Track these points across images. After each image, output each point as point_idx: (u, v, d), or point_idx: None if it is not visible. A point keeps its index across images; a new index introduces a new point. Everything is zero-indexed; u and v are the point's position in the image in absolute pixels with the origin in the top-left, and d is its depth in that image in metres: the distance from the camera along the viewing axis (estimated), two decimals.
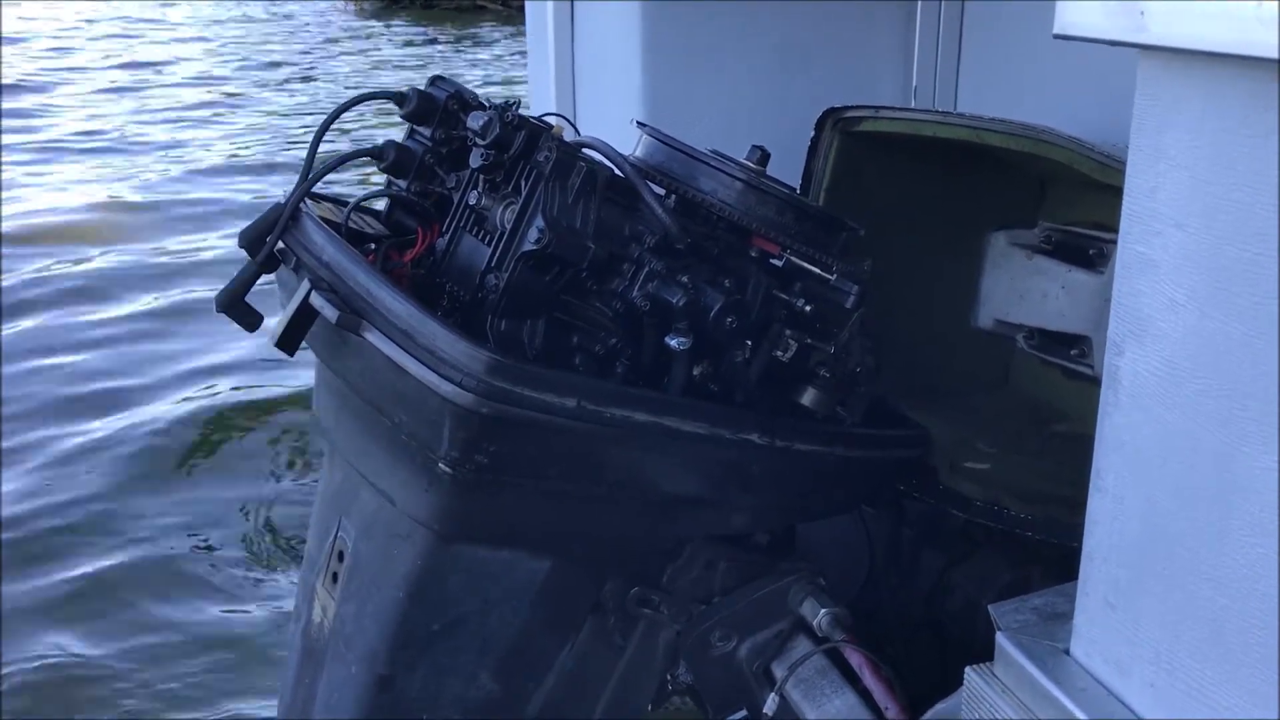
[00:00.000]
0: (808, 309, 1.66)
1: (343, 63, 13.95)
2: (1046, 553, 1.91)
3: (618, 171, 1.60)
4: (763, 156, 1.71)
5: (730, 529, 1.78)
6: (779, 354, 1.66)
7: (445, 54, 14.87)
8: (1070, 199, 2.32)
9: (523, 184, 1.54)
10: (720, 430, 1.56)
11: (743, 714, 1.91)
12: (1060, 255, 2.33)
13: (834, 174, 2.28)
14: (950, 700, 1.58)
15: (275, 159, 8.78)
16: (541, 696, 1.77)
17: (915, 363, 2.24)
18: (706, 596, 1.80)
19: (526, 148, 1.54)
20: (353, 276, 1.48)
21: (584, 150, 1.60)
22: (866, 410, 1.78)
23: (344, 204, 1.73)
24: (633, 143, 1.77)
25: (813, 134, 2.29)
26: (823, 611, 1.77)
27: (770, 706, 1.77)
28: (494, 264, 1.54)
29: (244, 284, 1.64)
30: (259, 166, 8.61)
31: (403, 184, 1.75)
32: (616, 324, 1.58)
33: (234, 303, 1.64)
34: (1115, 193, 1.18)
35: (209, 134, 9.79)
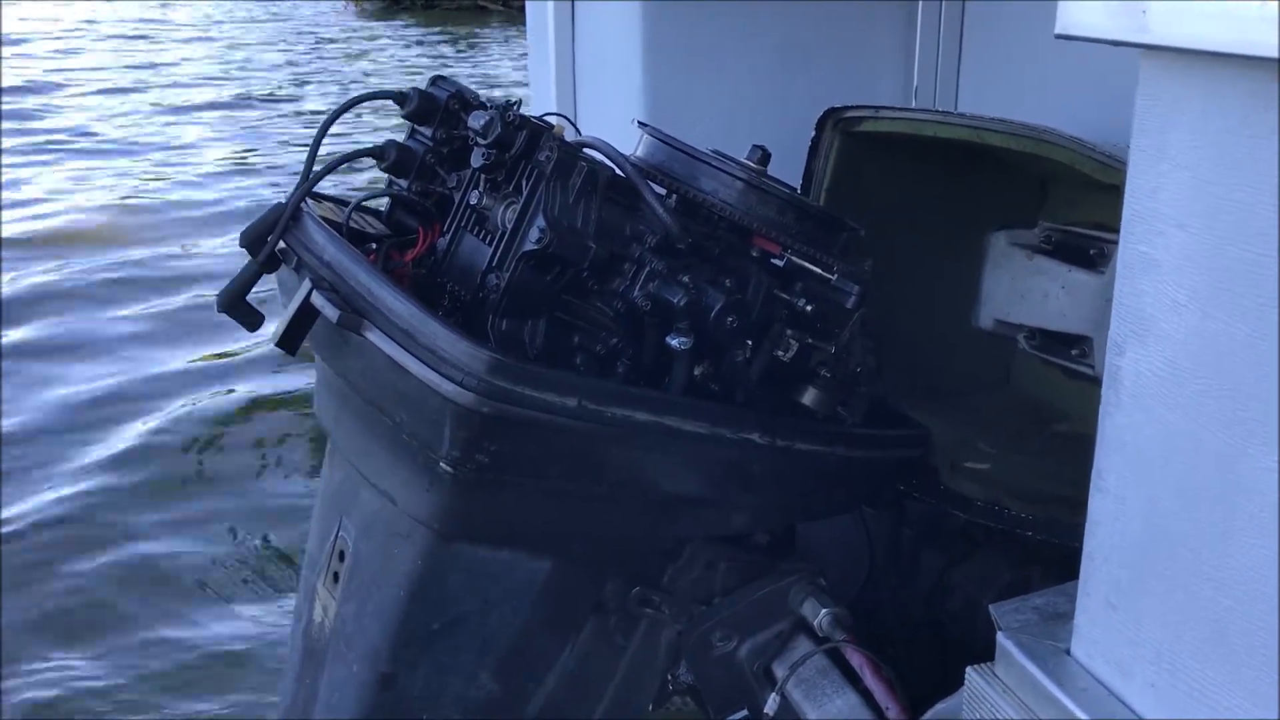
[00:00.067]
0: (809, 309, 1.66)
1: (345, 63, 13.94)
2: (1047, 553, 1.91)
3: (619, 171, 1.60)
4: (763, 156, 1.71)
5: (731, 529, 1.78)
6: (780, 354, 1.66)
7: (445, 55, 14.86)
8: (1071, 199, 2.32)
9: (524, 184, 1.54)
10: (721, 430, 1.56)
11: (744, 714, 1.91)
12: (1061, 255, 2.33)
13: (835, 174, 2.28)
14: (951, 700, 1.58)
15: (279, 160, 8.75)
16: (542, 696, 1.77)
17: (916, 363, 2.24)
18: (707, 596, 1.80)
19: (528, 147, 1.54)
20: (354, 276, 1.48)
21: (585, 150, 1.59)
22: (867, 410, 1.78)
23: (345, 204, 1.73)
24: (633, 142, 1.77)
25: (813, 134, 2.29)
26: (823, 611, 1.77)
27: (771, 707, 1.77)
28: (495, 264, 1.54)
29: (245, 284, 1.64)
30: (263, 168, 8.58)
31: (404, 184, 1.75)
32: (617, 324, 1.58)
33: (235, 302, 1.64)
34: (1116, 193, 1.18)
35: (212, 136, 9.76)
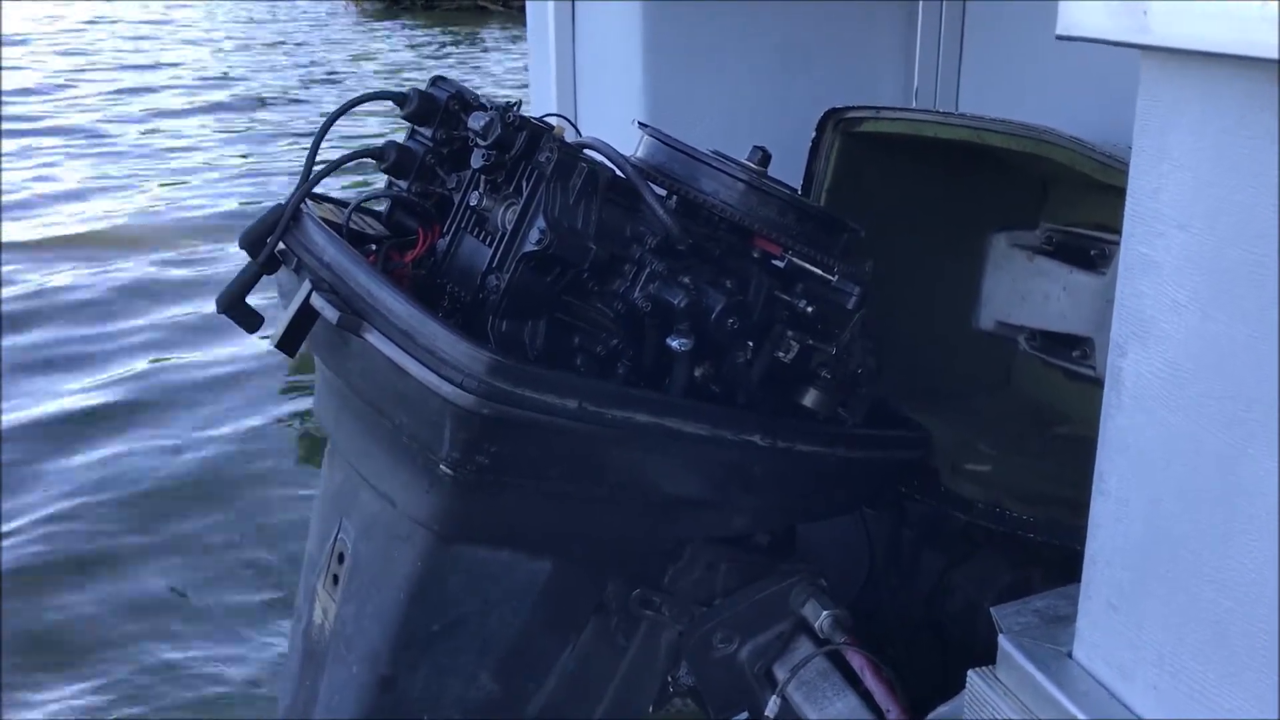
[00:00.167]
0: (809, 310, 1.66)
1: (351, 64, 13.90)
2: (1048, 554, 1.91)
3: (619, 172, 1.60)
4: (764, 157, 1.71)
5: (731, 530, 1.78)
6: (781, 355, 1.66)
7: (445, 56, 14.86)
8: (1072, 200, 2.32)
9: (524, 185, 1.54)
10: (722, 431, 1.56)
11: (744, 716, 1.91)
12: (1062, 256, 2.33)
13: (835, 175, 2.28)
14: (952, 703, 1.58)
15: (285, 162, 8.72)
16: (543, 697, 1.76)
17: (917, 364, 2.24)
18: (708, 598, 1.79)
19: (528, 148, 1.54)
20: (354, 277, 1.48)
21: (585, 151, 1.59)
22: (868, 411, 1.78)
23: (345, 205, 1.73)
24: (634, 143, 1.77)
25: (814, 135, 2.29)
26: (824, 613, 1.76)
27: (772, 708, 1.77)
28: (495, 265, 1.54)
29: (245, 285, 1.64)
30: (269, 171, 8.49)
31: (404, 185, 1.74)
32: (618, 325, 1.58)
33: (234, 304, 1.64)
34: (1117, 194, 1.18)
35: (218, 138, 9.68)
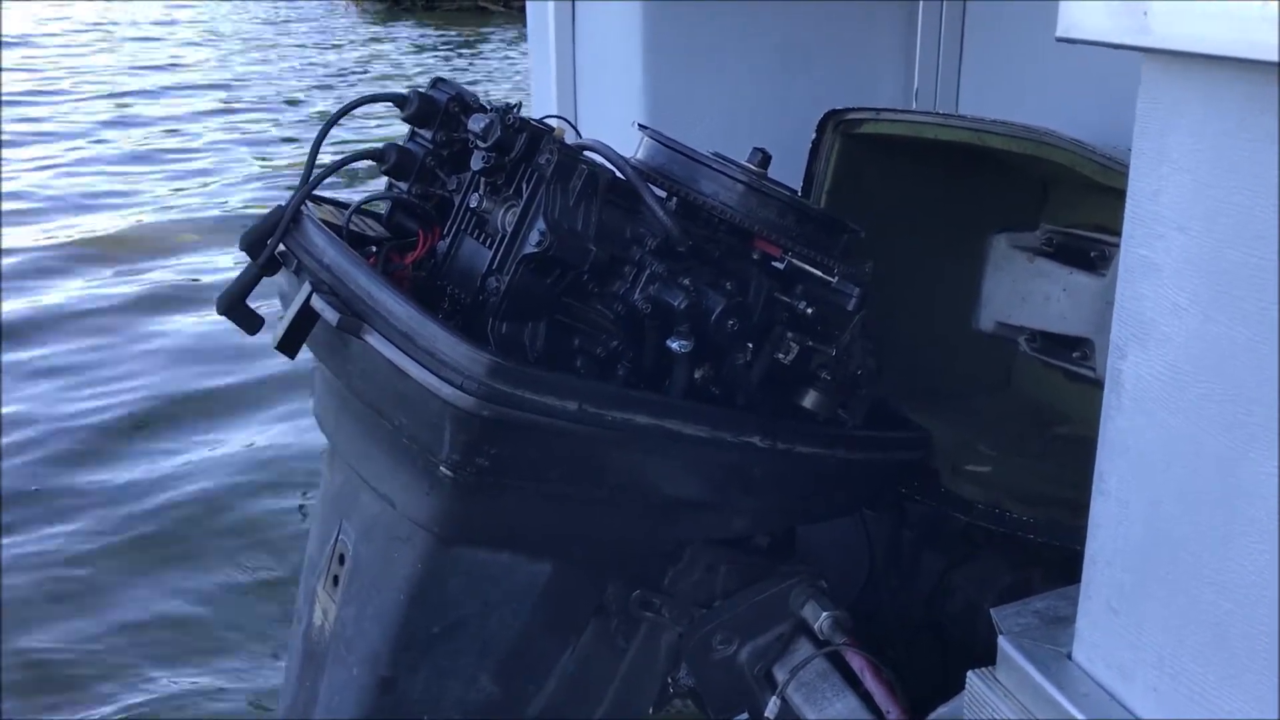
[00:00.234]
0: (809, 311, 1.66)
1: (356, 65, 13.86)
2: (1048, 555, 1.91)
3: (619, 174, 1.60)
4: (764, 159, 1.71)
5: (731, 532, 1.77)
6: (780, 356, 1.66)
7: (449, 57, 14.85)
8: (1072, 201, 2.32)
9: (524, 186, 1.54)
10: (722, 433, 1.56)
11: (744, 717, 1.91)
12: (1062, 257, 2.33)
13: (835, 176, 2.28)
14: (952, 703, 1.58)
15: (287, 163, 8.70)
16: (543, 699, 1.76)
17: (917, 365, 2.24)
18: (708, 599, 1.79)
19: (528, 150, 1.54)
20: (354, 279, 1.48)
21: (585, 153, 1.59)
22: (868, 412, 1.78)
23: (345, 207, 1.73)
24: (634, 145, 1.77)
25: (814, 136, 2.29)
26: (824, 614, 1.76)
27: (772, 710, 1.77)
28: (495, 266, 1.54)
29: (245, 287, 1.64)
30: (277, 172, 8.46)
31: (404, 186, 1.74)
32: (618, 327, 1.58)
33: (234, 305, 1.64)
34: (1117, 195, 1.18)
35: (224, 140, 9.66)
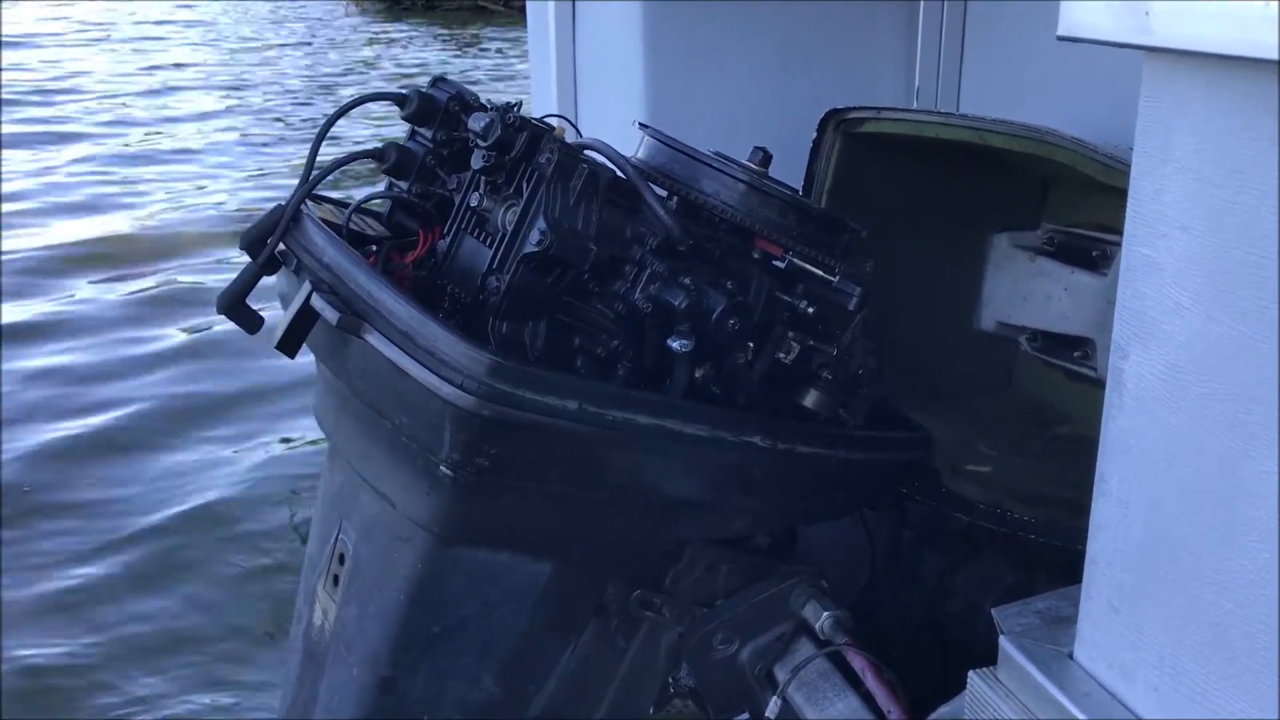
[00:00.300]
0: (810, 311, 1.66)
1: (360, 66, 13.83)
2: (1049, 555, 1.91)
3: (620, 173, 1.59)
4: (765, 158, 1.71)
5: (731, 532, 1.77)
6: (781, 356, 1.66)
7: (449, 57, 14.84)
8: (1073, 200, 2.31)
9: (524, 186, 1.53)
10: (722, 433, 1.56)
11: (745, 717, 1.91)
12: (1063, 257, 2.33)
13: (836, 175, 2.28)
14: (953, 703, 1.58)
15: (290, 164, 8.66)
16: (543, 699, 1.76)
17: (917, 364, 2.24)
18: (708, 599, 1.79)
19: (528, 149, 1.54)
20: (354, 278, 1.48)
21: (586, 152, 1.59)
22: (868, 412, 1.78)
23: (345, 206, 1.73)
24: (634, 144, 1.77)
25: (815, 135, 2.28)
26: (825, 614, 1.76)
27: (772, 710, 1.77)
28: (495, 266, 1.54)
29: (245, 286, 1.64)
30: (284, 174, 8.41)
31: (404, 185, 1.74)
32: (618, 326, 1.58)
33: (235, 305, 1.64)
34: (1118, 194, 1.17)
35: (228, 141, 9.61)
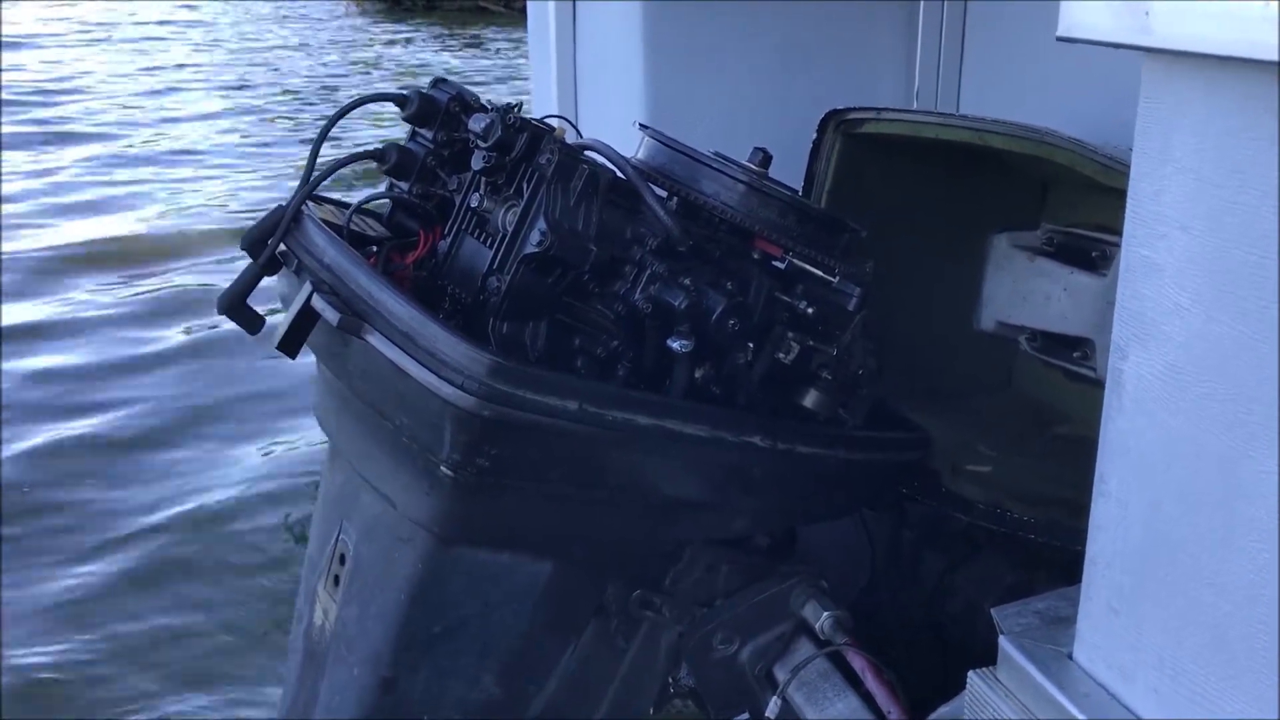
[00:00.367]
0: (810, 311, 1.66)
1: (362, 67, 13.80)
2: (1048, 555, 1.91)
3: (620, 174, 1.60)
4: (765, 158, 1.71)
5: (731, 532, 1.77)
6: (781, 356, 1.66)
7: (449, 58, 14.83)
8: (1073, 201, 2.32)
9: (524, 186, 1.54)
10: (722, 433, 1.56)
11: (745, 717, 1.91)
12: (1062, 257, 2.33)
13: (836, 176, 2.28)
14: (953, 704, 1.58)
15: (286, 165, 8.65)
16: (543, 699, 1.76)
17: (917, 365, 2.24)
18: (708, 599, 1.79)
19: (528, 150, 1.54)
20: (354, 279, 1.48)
21: (586, 152, 1.59)
22: (868, 412, 1.78)
23: (346, 206, 1.73)
24: (634, 145, 1.77)
25: (815, 136, 2.29)
26: (825, 614, 1.76)
27: (772, 710, 1.77)
28: (496, 266, 1.54)
29: (245, 286, 1.64)
30: (282, 173, 8.37)
31: (404, 186, 1.74)
32: (618, 326, 1.58)
33: (235, 305, 1.64)
34: (1118, 195, 1.17)
35: (232, 142, 9.57)
